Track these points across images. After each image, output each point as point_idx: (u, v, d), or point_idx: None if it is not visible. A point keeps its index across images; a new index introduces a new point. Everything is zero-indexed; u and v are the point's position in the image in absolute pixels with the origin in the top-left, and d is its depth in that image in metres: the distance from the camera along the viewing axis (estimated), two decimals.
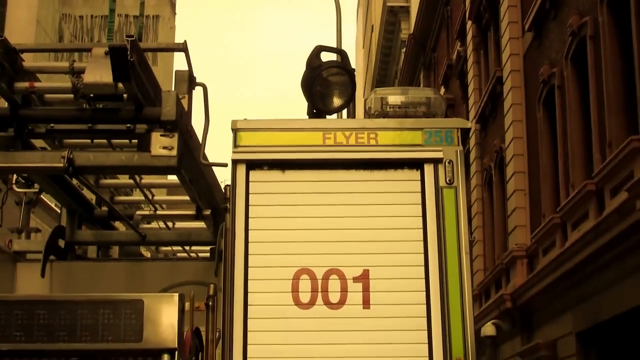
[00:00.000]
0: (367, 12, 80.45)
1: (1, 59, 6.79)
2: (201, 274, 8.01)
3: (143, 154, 7.05)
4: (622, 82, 18.23)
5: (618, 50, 18.46)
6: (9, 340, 6.47)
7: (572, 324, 20.85)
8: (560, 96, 22.47)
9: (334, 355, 6.22)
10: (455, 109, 34.78)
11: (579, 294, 19.96)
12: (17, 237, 9.48)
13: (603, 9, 18.83)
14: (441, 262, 6.37)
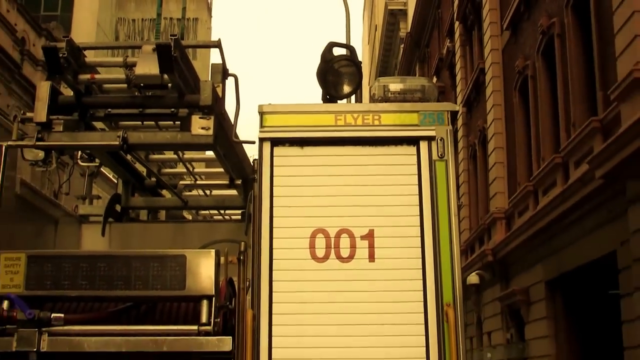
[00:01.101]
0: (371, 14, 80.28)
1: (67, 55, 6.80)
2: (233, 233, 8.00)
3: (185, 134, 7.05)
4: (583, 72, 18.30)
5: (580, 47, 18.54)
6: (76, 288, 6.49)
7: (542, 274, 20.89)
8: (533, 84, 22.50)
9: (344, 301, 6.22)
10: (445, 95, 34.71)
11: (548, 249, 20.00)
12: (82, 203, 9.50)
13: (568, 12, 18.98)
14: (434, 223, 6.36)
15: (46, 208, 8.42)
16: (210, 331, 6.31)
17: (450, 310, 6.15)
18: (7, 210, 6.92)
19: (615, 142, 13.92)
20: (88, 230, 9.09)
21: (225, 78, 7.42)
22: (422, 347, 6.12)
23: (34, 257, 6.59)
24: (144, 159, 9.18)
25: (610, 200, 15.54)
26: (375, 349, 6.11)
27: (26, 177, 7.84)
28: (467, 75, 32.01)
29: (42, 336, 6.33)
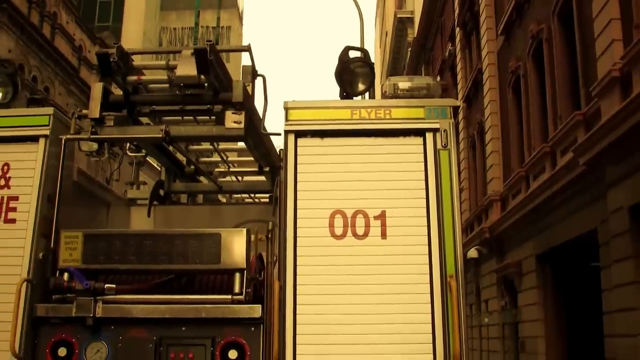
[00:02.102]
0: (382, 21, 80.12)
1: (117, 60, 6.79)
2: (262, 214, 7.99)
3: (219, 127, 7.03)
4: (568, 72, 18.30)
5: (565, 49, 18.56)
6: (126, 262, 6.52)
7: (532, 248, 20.85)
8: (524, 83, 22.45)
9: (359, 273, 6.20)
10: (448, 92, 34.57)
11: (538, 226, 19.94)
12: (130, 188, 9.51)
13: (554, 19, 19.04)
14: (438, 204, 6.33)
15: (100, 193, 8.43)
16: (242, 300, 6.32)
17: (453, 281, 6.12)
18: (66, 195, 6.94)
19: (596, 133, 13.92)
20: (136, 212, 9.11)
21: (255, 78, 7.39)
22: (428, 313, 6.10)
23: (90, 236, 6.62)
24: (184, 149, 9.17)
25: (592, 184, 15.50)
26: (386, 315, 6.09)
27: (82, 166, 7.84)
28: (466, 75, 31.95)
29: (97, 304, 6.36)
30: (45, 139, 6.80)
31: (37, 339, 6.44)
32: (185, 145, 9.25)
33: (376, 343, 6.05)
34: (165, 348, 6.30)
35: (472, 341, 28.89)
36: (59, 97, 41.98)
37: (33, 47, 39.48)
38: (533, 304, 20.96)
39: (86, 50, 48.20)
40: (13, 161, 6.79)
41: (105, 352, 6.36)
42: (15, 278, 6.32)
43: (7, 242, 6.55)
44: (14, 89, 7.44)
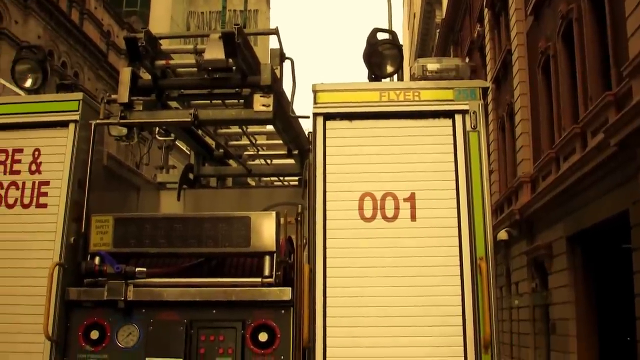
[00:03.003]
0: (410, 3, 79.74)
1: (146, 44, 6.81)
2: (291, 197, 8.00)
3: (248, 110, 7.04)
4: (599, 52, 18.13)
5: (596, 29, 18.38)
6: (156, 246, 6.56)
7: (563, 230, 20.75)
8: (554, 63, 22.27)
9: (389, 256, 6.19)
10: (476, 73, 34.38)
11: (569, 208, 19.84)
12: (159, 172, 9.56)
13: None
14: (468, 186, 6.29)
15: (129, 177, 8.47)
16: (272, 283, 6.34)
17: (483, 263, 6.09)
18: (96, 179, 6.98)
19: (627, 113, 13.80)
20: (165, 196, 9.15)
21: (283, 61, 7.38)
22: (458, 295, 6.08)
23: (120, 220, 6.66)
24: (213, 133, 9.19)
25: (623, 165, 15.39)
26: (416, 297, 6.08)
27: (112, 150, 7.89)
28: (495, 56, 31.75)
29: (128, 287, 6.40)
30: (75, 124, 6.83)
31: (69, 322, 6.50)
32: (214, 129, 9.27)
33: (406, 325, 6.05)
34: (195, 331, 6.34)
35: (503, 323, 28.81)
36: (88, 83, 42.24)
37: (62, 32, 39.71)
38: (564, 286, 20.88)
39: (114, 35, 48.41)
40: (44, 146, 6.83)
41: (137, 335, 6.41)
42: (47, 262, 6.38)
43: (39, 227, 6.60)
44: (44, 75, 7.49)
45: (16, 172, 6.80)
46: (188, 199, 8.96)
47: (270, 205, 7.57)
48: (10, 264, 6.51)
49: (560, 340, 21.29)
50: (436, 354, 5.98)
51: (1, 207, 6.73)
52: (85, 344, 6.44)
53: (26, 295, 6.40)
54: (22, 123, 6.92)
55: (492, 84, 30.84)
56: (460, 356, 5.97)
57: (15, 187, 6.75)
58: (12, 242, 6.59)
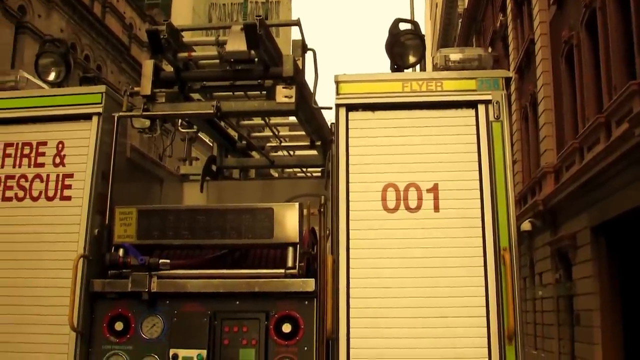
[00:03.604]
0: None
1: (168, 37, 6.83)
2: (314, 188, 7.99)
3: (270, 102, 7.04)
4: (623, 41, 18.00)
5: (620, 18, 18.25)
6: (179, 237, 6.58)
7: (587, 221, 20.67)
8: (577, 52, 22.15)
9: (412, 247, 6.18)
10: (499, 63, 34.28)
11: (593, 198, 19.75)
12: (182, 164, 9.58)
13: None
14: (491, 176, 6.27)
15: (153, 169, 8.50)
16: (296, 274, 6.34)
17: (506, 254, 6.07)
18: (120, 172, 7.01)
19: None
20: (188, 188, 9.17)
21: (305, 52, 7.37)
22: (482, 286, 6.06)
23: (144, 212, 6.69)
24: (236, 124, 9.20)
25: None
26: (440, 288, 6.07)
27: (135, 143, 7.91)
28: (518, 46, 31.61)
29: (152, 279, 6.43)
30: (98, 116, 6.86)
31: (94, 314, 6.54)
32: (237, 121, 9.28)
33: (430, 316, 6.04)
34: (219, 322, 6.36)
35: (527, 314, 28.74)
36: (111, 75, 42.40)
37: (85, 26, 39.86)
38: (588, 276, 20.81)
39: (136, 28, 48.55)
40: (67, 139, 6.86)
41: (161, 326, 6.44)
42: (71, 254, 6.42)
43: (63, 219, 6.64)
44: (67, 68, 7.52)
45: (40, 164, 6.85)
46: (211, 190, 8.98)
47: (293, 197, 7.57)
48: (35, 256, 6.56)
49: (585, 331, 21.22)
50: (460, 345, 5.97)
51: (26, 199, 6.78)
52: (109, 335, 6.48)
53: (51, 287, 6.44)
54: (46, 116, 6.96)
55: (515, 73, 30.73)
56: (484, 347, 5.96)
57: (40, 180, 6.80)
58: (36, 235, 6.63)
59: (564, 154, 22.95)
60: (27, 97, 7.09)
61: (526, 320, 28.66)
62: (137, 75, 39.89)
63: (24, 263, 6.57)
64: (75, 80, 7.96)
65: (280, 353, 6.24)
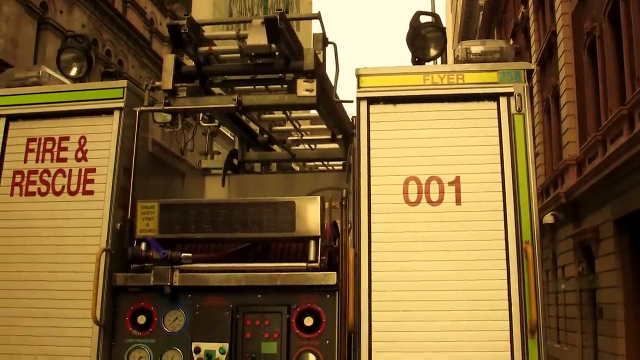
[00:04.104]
0: None
1: (189, 31, 6.83)
2: (336, 182, 8.00)
3: (291, 95, 7.03)
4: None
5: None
6: (201, 231, 6.60)
7: (610, 214, 20.56)
8: (600, 44, 22.00)
9: (434, 240, 6.17)
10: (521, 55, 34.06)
11: (616, 191, 19.63)
12: (204, 158, 9.61)
13: None
14: (513, 169, 6.24)
15: (174, 163, 8.53)
16: (317, 267, 6.35)
17: (529, 247, 6.04)
18: (141, 166, 7.04)
19: None
20: (210, 182, 9.20)
21: (326, 45, 7.37)
22: (504, 280, 6.04)
23: (166, 205, 6.71)
24: (257, 118, 9.22)
25: None
26: (462, 281, 6.05)
27: (157, 137, 7.94)
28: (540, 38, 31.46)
29: (174, 272, 6.46)
30: (119, 111, 6.88)
31: (117, 307, 6.58)
32: (258, 115, 9.30)
33: (452, 310, 6.03)
34: (241, 315, 6.37)
35: (549, 308, 28.63)
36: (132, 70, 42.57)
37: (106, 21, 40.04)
38: (611, 269, 20.69)
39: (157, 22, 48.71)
40: (89, 134, 6.90)
41: (183, 320, 6.46)
42: (94, 248, 6.45)
43: (86, 214, 6.68)
44: (89, 63, 7.56)
45: (63, 159, 6.88)
46: (233, 184, 9.00)
47: (314, 190, 7.57)
48: (58, 250, 6.60)
49: (608, 325, 21.12)
50: (482, 339, 5.96)
51: (49, 194, 6.82)
52: (132, 329, 6.52)
53: (74, 281, 6.49)
54: (68, 111, 6.99)
55: (537, 66, 30.56)
56: (506, 340, 5.94)
57: (62, 175, 6.84)
58: (59, 229, 6.68)
59: (586, 146, 22.82)
60: (49, 93, 7.13)
61: (549, 313, 28.55)
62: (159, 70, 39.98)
63: (47, 257, 6.61)
64: (97, 76, 8.00)
65: (302, 346, 6.25)
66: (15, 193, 6.91)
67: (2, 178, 6.97)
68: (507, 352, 5.91)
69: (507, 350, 5.91)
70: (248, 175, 9.66)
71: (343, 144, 9.10)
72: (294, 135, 10.28)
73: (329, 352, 6.21)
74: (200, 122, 9.40)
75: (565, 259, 26.77)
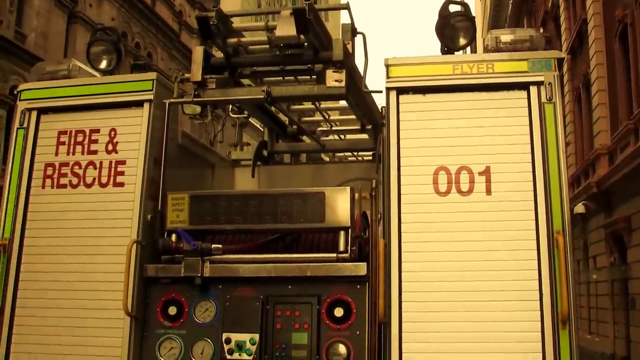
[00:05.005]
0: None
1: (217, 23, 6.83)
2: (366, 172, 7.99)
3: (320, 86, 7.01)
4: None
5: None
6: (231, 222, 6.62)
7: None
8: (632, 31, 21.80)
9: (464, 230, 6.15)
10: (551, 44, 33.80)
11: None
12: (234, 150, 9.64)
13: None
14: (544, 159, 6.19)
15: (204, 155, 8.56)
16: (347, 258, 6.34)
17: (560, 237, 5.99)
18: (171, 157, 7.07)
19: None
20: (240, 173, 9.22)
21: (354, 36, 7.34)
22: (535, 270, 6.01)
23: (196, 197, 6.74)
24: (286, 109, 9.21)
25: None
26: (492, 271, 6.03)
27: (186, 129, 7.97)
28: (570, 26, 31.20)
29: (205, 264, 6.49)
30: (149, 103, 6.92)
31: (148, 299, 6.62)
32: (287, 106, 9.29)
33: (482, 300, 6.01)
34: (272, 306, 6.39)
35: (580, 298, 28.45)
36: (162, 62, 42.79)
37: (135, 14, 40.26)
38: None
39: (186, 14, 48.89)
40: (119, 126, 6.94)
41: (214, 311, 6.49)
42: (125, 240, 6.49)
43: (117, 205, 6.72)
44: (118, 56, 7.60)
45: (93, 152, 6.93)
46: (262, 175, 9.02)
47: (344, 181, 7.57)
48: (90, 242, 6.66)
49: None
50: (513, 329, 5.93)
51: (80, 186, 6.88)
52: (163, 320, 6.56)
53: (106, 272, 6.54)
54: (98, 104, 7.04)
55: (568, 54, 30.33)
56: (537, 331, 5.91)
57: (93, 167, 6.88)
58: (91, 221, 6.73)
59: (618, 135, 22.63)
60: (79, 86, 7.18)
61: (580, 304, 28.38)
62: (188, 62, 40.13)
63: (78, 249, 6.67)
64: (127, 68, 8.05)
65: (332, 337, 6.26)
66: (47, 185, 6.97)
67: (34, 171, 7.04)
68: (538, 342, 5.88)
69: (538, 341, 5.89)
70: (278, 166, 9.68)
71: (372, 135, 9.08)
72: (324, 125, 10.27)
73: (359, 343, 6.21)
74: (229, 113, 9.42)
75: (597, 249, 26.60)
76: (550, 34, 35.20)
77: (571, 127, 30.63)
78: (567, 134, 29.54)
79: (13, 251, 6.83)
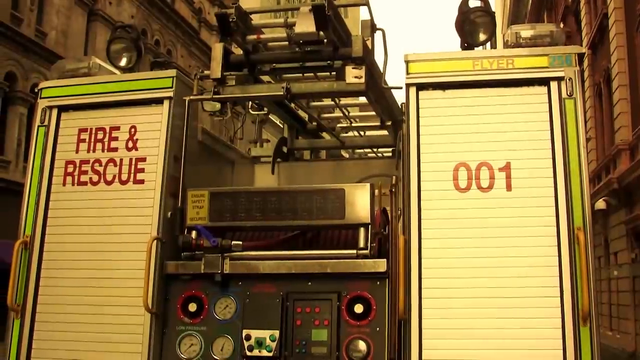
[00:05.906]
0: None
1: (237, 19, 6.84)
2: (385, 168, 7.98)
3: (340, 82, 7.01)
4: None
5: None
6: (251, 219, 6.62)
7: None
8: None
9: (484, 226, 6.12)
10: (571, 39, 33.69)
11: None
12: (254, 146, 9.65)
13: None
14: (564, 154, 6.16)
15: (224, 151, 8.57)
16: (367, 254, 6.34)
17: (581, 233, 5.96)
18: (191, 154, 7.09)
19: None
20: (260, 170, 9.24)
21: (374, 32, 7.35)
22: (555, 266, 5.97)
23: (216, 194, 6.75)
24: (306, 106, 9.22)
25: None
26: (512, 268, 6.00)
27: (206, 126, 7.98)
28: (591, 20, 31.05)
29: (225, 260, 6.51)
30: (169, 100, 6.93)
31: (168, 295, 6.65)
32: (307, 102, 9.30)
33: (502, 297, 5.98)
34: (292, 303, 6.40)
35: (601, 295, 28.33)
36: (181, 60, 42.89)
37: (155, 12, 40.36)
38: None
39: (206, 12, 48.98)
40: (139, 123, 6.96)
41: (234, 307, 6.51)
42: (145, 237, 6.51)
43: (137, 202, 6.74)
44: (138, 53, 7.61)
45: (114, 149, 6.96)
46: (282, 172, 9.03)
47: (364, 177, 7.57)
48: (110, 239, 6.69)
49: None
50: (533, 326, 5.91)
51: (100, 183, 6.90)
52: (183, 316, 6.58)
53: (126, 269, 6.56)
54: (118, 101, 7.06)
55: (588, 49, 30.19)
56: (558, 328, 5.88)
57: (113, 164, 6.91)
58: (111, 218, 6.76)
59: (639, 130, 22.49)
60: (100, 83, 7.20)
61: (601, 300, 28.25)
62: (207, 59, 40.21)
63: (98, 246, 6.70)
64: (146, 65, 8.06)
65: (352, 333, 6.26)
66: (68, 183, 7.01)
67: (54, 168, 7.08)
68: (559, 339, 5.86)
69: (559, 338, 5.86)
70: (297, 163, 9.69)
71: (392, 131, 9.06)
72: (343, 122, 10.27)
73: (379, 339, 6.21)
74: (249, 110, 9.44)
75: (618, 245, 26.46)
76: (570, 29, 35.05)
77: (592, 123, 30.49)
78: (587, 129, 29.40)
79: (34, 248, 6.87)
